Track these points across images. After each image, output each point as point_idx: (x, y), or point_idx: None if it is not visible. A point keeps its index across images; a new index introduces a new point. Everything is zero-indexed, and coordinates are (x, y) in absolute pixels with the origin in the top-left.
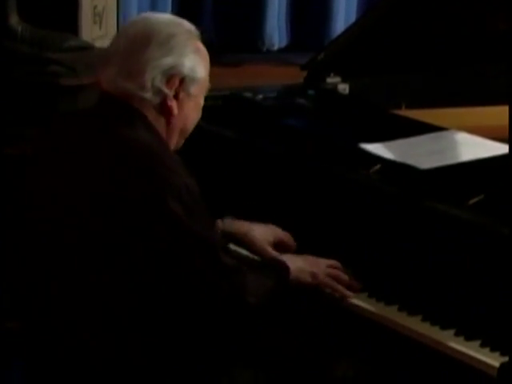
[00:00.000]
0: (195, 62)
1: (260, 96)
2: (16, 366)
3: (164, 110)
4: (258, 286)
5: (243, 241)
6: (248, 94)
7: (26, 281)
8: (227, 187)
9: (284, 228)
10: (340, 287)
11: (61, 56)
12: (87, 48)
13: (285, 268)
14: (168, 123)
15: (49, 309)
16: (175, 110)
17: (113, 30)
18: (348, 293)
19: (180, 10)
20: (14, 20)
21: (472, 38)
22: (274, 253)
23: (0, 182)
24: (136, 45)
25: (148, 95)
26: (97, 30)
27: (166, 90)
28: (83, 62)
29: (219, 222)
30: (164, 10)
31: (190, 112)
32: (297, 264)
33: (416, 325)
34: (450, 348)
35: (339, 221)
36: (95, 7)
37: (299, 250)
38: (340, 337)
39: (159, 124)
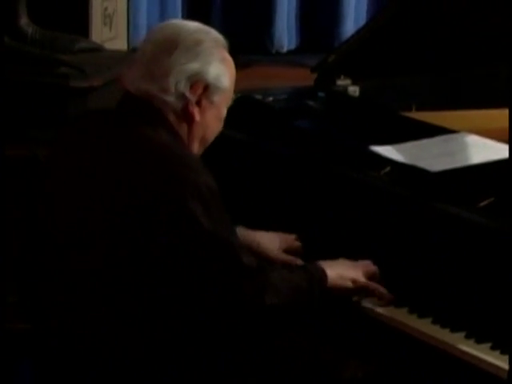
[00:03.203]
0: (220, 71)
1: (270, 98)
2: (23, 367)
3: (186, 115)
4: (283, 283)
5: (256, 251)
6: (258, 96)
7: (40, 281)
8: (237, 190)
9: (293, 230)
10: (382, 288)
11: (71, 58)
12: (97, 50)
13: (321, 272)
14: (189, 129)
15: (61, 309)
16: (197, 117)
17: (123, 32)
18: (389, 295)
19: (190, 11)
20: (24, 22)
21: (483, 39)
22: (291, 258)
23: (10, 184)
24: (162, 49)
25: (171, 99)
26: (107, 31)
27: (189, 96)
28: (93, 63)
29: None
30: (174, 12)
31: (211, 121)
32: (336, 270)
33: (426, 327)
34: (460, 350)
35: (349, 223)
36: (105, 9)
37: (311, 252)
38: (349, 338)
39: (181, 129)
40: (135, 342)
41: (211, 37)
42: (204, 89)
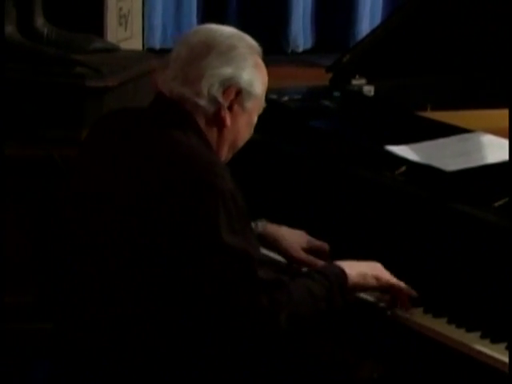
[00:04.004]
0: (253, 77)
1: (285, 98)
2: (39, 367)
3: (217, 119)
4: (302, 296)
5: (277, 246)
6: (273, 96)
7: (58, 281)
8: (253, 190)
9: (307, 230)
10: (406, 287)
11: (86, 58)
12: (113, 50)
13: (341, 274)
14: (219, 134)
15: (79, 310)
16: (228, 122)
17: (138, 32)
18: (413, 292)
19: (205, 12)
20: (39, 22)
21: (499, 39)
22: (310, 258)
23: (26, 184)
24: (196, 52)
25: (203, 102)
26: (122, 31)
27: (222, 100)
28: (109, 63)
29: (252, 225)
30: (189, 13)
31: (242, 127)
32: (358, 269)
33: (441, 327)
34: (475, 350)
35: (364, 222)
36: (120, 9)
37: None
38: (364, 338)
39: (210, 133)
40: (147, 345)
41: (245, 43)
42: (236, 94)
